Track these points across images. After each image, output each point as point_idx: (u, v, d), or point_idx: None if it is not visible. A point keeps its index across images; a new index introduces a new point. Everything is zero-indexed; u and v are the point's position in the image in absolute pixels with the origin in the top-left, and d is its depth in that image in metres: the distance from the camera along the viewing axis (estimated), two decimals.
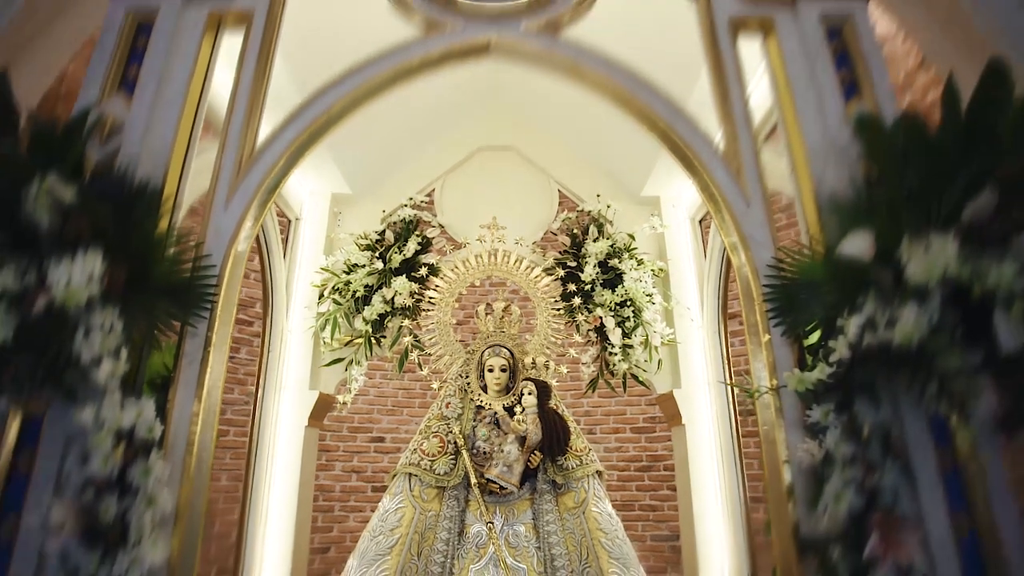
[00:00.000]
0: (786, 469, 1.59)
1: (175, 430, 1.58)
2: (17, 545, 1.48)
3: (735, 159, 1.90)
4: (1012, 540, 1.49)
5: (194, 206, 2.24)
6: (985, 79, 1.50)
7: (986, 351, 1.36)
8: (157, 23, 2.06)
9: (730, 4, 2.13)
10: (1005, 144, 1.41)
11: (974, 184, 1.43)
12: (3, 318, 1.31)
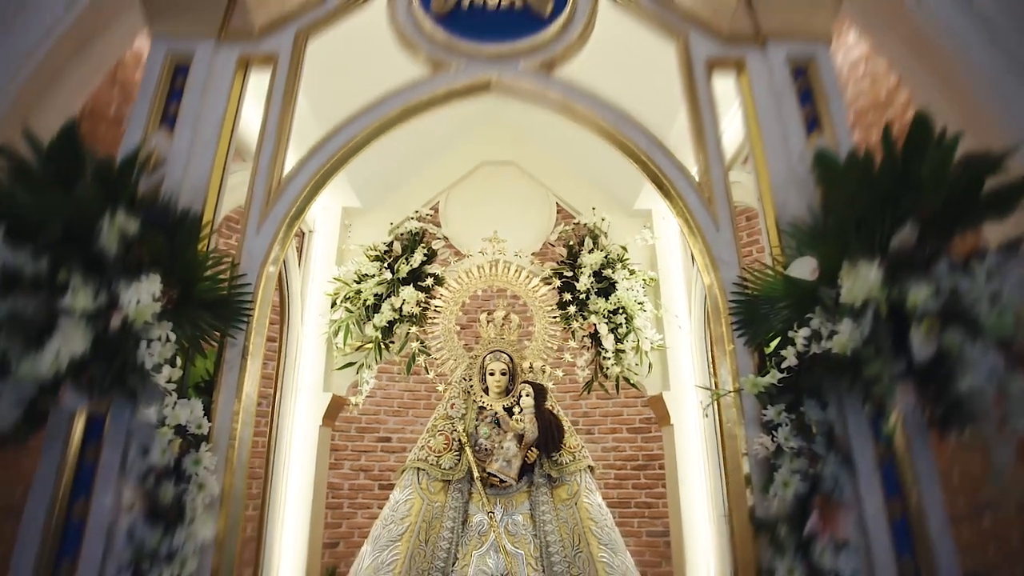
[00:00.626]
0: (745, 461, 1.87)
1: (219, 426, 1.87)
2: (89, 523, 1.77)
3: (707, 188, 2.17)
4: (936, 522, 1.77)
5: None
6: (912, 130, 1.78)
7: (908, 360, 1.63)
8: (193, 64, 2.34)
9: (707, 46, 2.41)
10: (926, 187, 1.68)
11: (901, 219, 1.70)
12: (82, 333, 1.59)
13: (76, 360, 1.57)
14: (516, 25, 2.40)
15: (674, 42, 2.44)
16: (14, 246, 1.61)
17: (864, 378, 1.65)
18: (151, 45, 2.41)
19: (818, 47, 2.38)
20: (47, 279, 1.62)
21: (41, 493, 1.81)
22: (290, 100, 2.30)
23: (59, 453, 1.81)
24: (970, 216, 1.75)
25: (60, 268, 1.63)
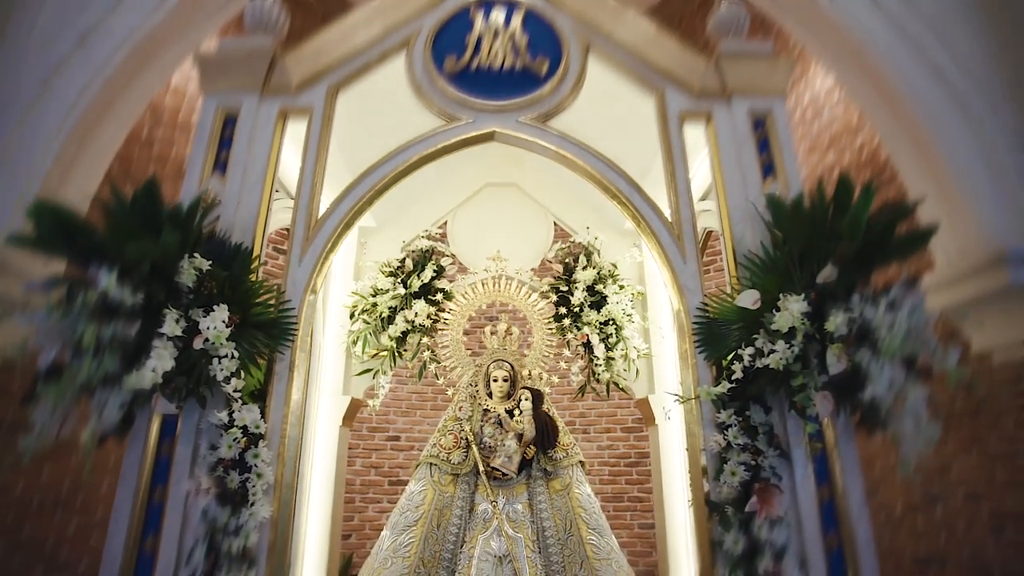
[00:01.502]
0: (702, 455, 2.31)
1: (272, 427, 2.31)
2: (168, 505, 2.21)
3: (677, 226, 2.61)
4: (856, 504, 2.21)
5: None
6: (838, 188, 2.21)
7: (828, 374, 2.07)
8: (240, 116, 2.78)
9: (680, 100, 2.85)
10: (844, 235, 2.12)
11: (827, 259, 2.14)
12: (170, 353, 2.03)
13: (166, 374, 2.02)
14: (516, 83, 2.85)
15: (653, 96, 2.88)
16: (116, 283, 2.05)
17: (793, 388, 2.09)
18: (204, 100, 2.85)
19: (775, 102, 2.82)
20: (141, 309, 2.06)
21: (128, 481, 2.26)
22: (324, 148, 2.75)
23: (140, 449, 2.26)
24: (883, 257, 2.19)
25: (152, 300, 2.07)
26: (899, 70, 3.71)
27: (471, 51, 2.86)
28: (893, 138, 3.97)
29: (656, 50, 2.88)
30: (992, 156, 3.55)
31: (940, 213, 3.64)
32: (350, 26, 2.92)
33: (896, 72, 3.72)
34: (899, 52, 3.76)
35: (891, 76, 3.73)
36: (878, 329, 1.99)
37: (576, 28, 2.93)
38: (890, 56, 3.75)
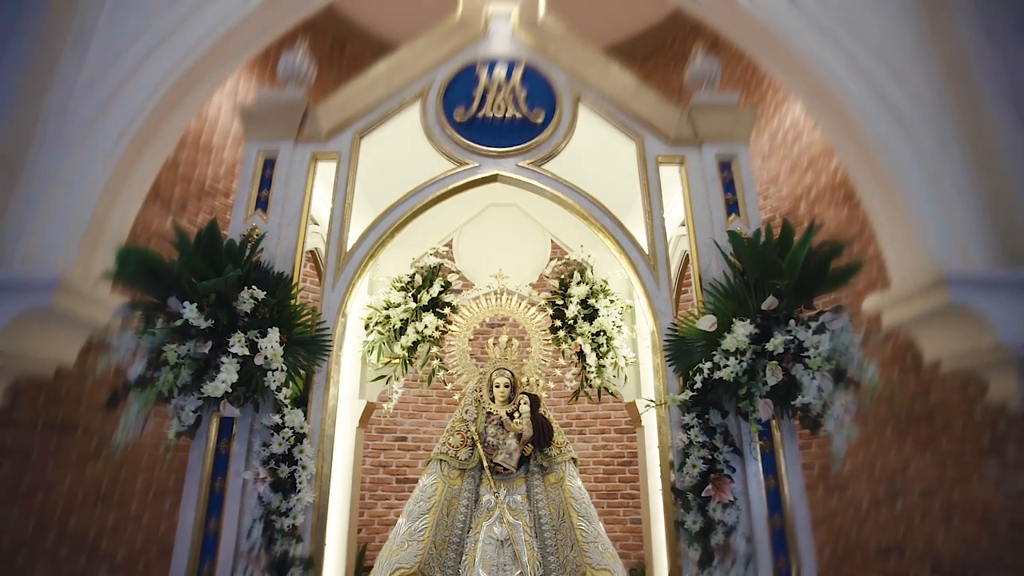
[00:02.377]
0: (670, 451, 2.84)
1: (313, 427, 2.84)
2: (227, 492, 2.74)
3: (653, 257, 3.15)
4: (796, 492, 2.74)
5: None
6: (782, 231, 2.74)
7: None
8: (278, 160, 3.31)
9: (657, 146, 3.38)
10: (785, 272, 2.65)
11: (770, 290, 2.67)
12: (235, 367, 2.56)
13: (233, 384, 2.55)
14: (516, 131, 3.38)
15: (634, 142, 3.41)
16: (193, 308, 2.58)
17: (739, 396, 2.62)
18: (247, 146, 3.38)
19: (739, 147, 3.35)
20: (210, 331, 2.59)
21: (194, 473, 2.78)
22: (351, 188, 3.28)
23: (203, 446, 2.79)
24: (818, 288, 2.72)
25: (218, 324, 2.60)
26: (858, 106, 4.22)
27: (477, 103, 3.39)
28: (854, 167, 4.49)
29: (637, 102, 3.41)
30: (939, 186, 4.07)
31: (894, 237, 4.19)
32: (371, 80, 3.45)
33: (855, 107, 4.23)
34: (859, 89, 4.28)
35: (851, 111, 4.24)
36: (809, 348, 2.52)
37: (568, 82, 3.46)
38: (850, 93, 4.27)
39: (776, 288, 2.63)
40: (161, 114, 4.25)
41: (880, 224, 4.38)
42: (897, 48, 4.49)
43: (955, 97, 4.34)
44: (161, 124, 4.33)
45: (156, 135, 4.33)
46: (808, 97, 4.66)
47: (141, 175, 4.37)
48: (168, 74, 4.21)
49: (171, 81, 4.21)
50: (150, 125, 4.19)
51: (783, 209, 6.08)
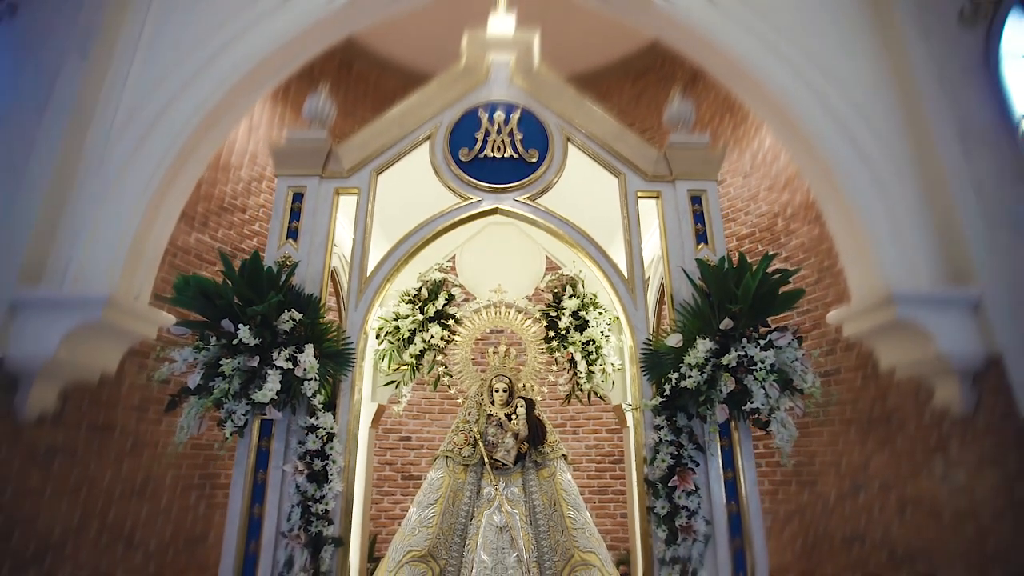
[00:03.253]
0: (644, 448, 3.41)
1: (341, 428, 3.41)
2: (268, 483, 3.31)
3: (631, 282, 3.72)
4: (750, 483, 3.31)
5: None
6: (738, 262, 3.31)
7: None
8: (305, 194, 3.87)
9: (637, 182, 3.95)
10: (739, 298, 3.22)
11: (726, 313, 3.24)
12: (278, 378, 3.13)
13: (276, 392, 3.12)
14: (513, 169, 3.95)
15: (617, 179, 3.98)
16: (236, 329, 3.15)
17: (699, 401, 3.20)
18: (277, 181, 3.94)
19: (708, 183, 3.92)
20: (256, 347, 3.16)
21: (240, 467, 3.35)
22: (370, 221, 3.85)
23: (248, 444, 3.35)
24: (769, 311, 3.30)
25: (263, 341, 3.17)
26: (822, 137, 4.81)
27: (480, 144, 3.96)
28: (819, 191, 5.08)
29: (620, 143, 3.99)
30: (893, 212, 4.65)
31: (853, 256, 4.78)
32: (387, 122, 4.02)
33: (819, 138, 4.82)
34: (823, 122, 4.86)
35: (815, 141, 4.83)
36: (757, 362, 3.10)
37: (559, 125, 4.04)
38: (815, 124, 4.86)
39: (732, 311, 3.21)
40: (193, 143, 4.81)
41: (841, 244, 4.97)
42: (860, 85, 5.08)
43: (910, 131, 4.93)
44: (193, 152, 4.89)
45: (188, 162, 4.90)
46: (777, 126, 5.24)
47: (175, 199, 4.94)
48: (200, 107, 4.78)
49: (203, 113, 4.78)
50: (183, 154, 4.75)
51: (762, 225, 6.66)
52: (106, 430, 4.98)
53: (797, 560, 5.92)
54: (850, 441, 5.55)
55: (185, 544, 5.61)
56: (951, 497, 4.54)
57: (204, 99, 4.79)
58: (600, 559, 3.95)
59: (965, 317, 4.32)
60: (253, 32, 4.98)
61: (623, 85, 8.39)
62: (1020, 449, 4.04)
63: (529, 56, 4.17)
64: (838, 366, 5.74)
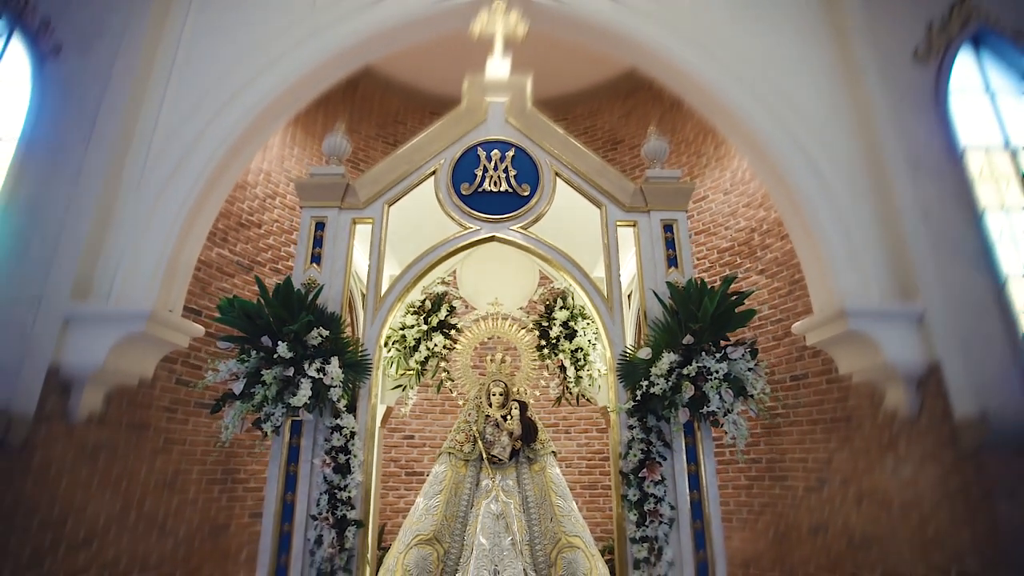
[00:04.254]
0: (620, 444, 4.09)
1: (360, 427, 4.08)
2: (299, 475, 3.98)
3: (611, 301, 4.39)
4: (710, 475, 3.99)
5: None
6: (699, 288, 3.99)
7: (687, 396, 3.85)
8: (327, 224, 4.53)
9: (616, 212, 4.61)
10: (699, 318, 3.90)
11: (688, 330, 3.92)
12: (309, 385, 3.79)
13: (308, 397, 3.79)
14: (508, 201, 4.61)
15: (599, 210, 4.65)
16: (275, 344, 3.82)
17: (666, 405, 3.87)
18: (302, 212, 4.60)
19: (679, 214, 4.59)
20: (291, 360, 3.83)
21: (275, 461, 4.02)
22: (383, 248, 4.51)
23: (281, 441, 4.02)
24: (726, 328, 3.97)
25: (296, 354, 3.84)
26: (787, 163, 5.48)
27: (479, 180, 4.62)
28: (786, 213, 5.76)
29: (602, 177, 4.66)
30: (849, 234, 5.32)
31: (814, 273, 5.45)
32: (396, 160, 4.68)
33: (787, 167, 5.50)
34: (790, 153, 5.54)
35: (783, 170, 5.51)
36: (713, 372, 3.77)
37: (548, 161, 4.70)
38: (783, 156, 5.53)
39: (693, 328, 3.89)
40: (220, 170, 5.49)
41: (804, 261, 5.65)
42: (822, 118, 5.76)
43: (866, 161, 5.62)
44: (220, 178, 5.57)
45: (216, 187, 5.57)
46: (748, 152, 5.92)
47: (204, 220, 5.61)
48: (226, 137, 5.45)
49: (229, 143, 5.45)
50: (212, 180, 5.42)
51: (740, 239, 7.34)
52: (142, 429, 5.65)
53: (769, 548, 6.61)
54: (816, 440, 6.24)
55: (209, 532, 6.29)
56: (899, 490, 5.23)
57: (230, 129, 5.47)
58: (584, 542, 4.63)
59: (910, 329, 5.00)
60: (276, 66, 5.68)
61: (614, 103, 9.06)
62: (954, 447, 4.73)
63: (522, 98, 4.83)
64: (806, 371, 6.43)
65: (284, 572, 3.80)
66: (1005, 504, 4.48)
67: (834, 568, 5.85)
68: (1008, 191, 5.63)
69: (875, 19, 6.01)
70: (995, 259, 5.23)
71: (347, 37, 5.83)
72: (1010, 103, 5.96)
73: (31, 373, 4.58)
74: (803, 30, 6.13)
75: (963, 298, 5.07)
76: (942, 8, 6.07)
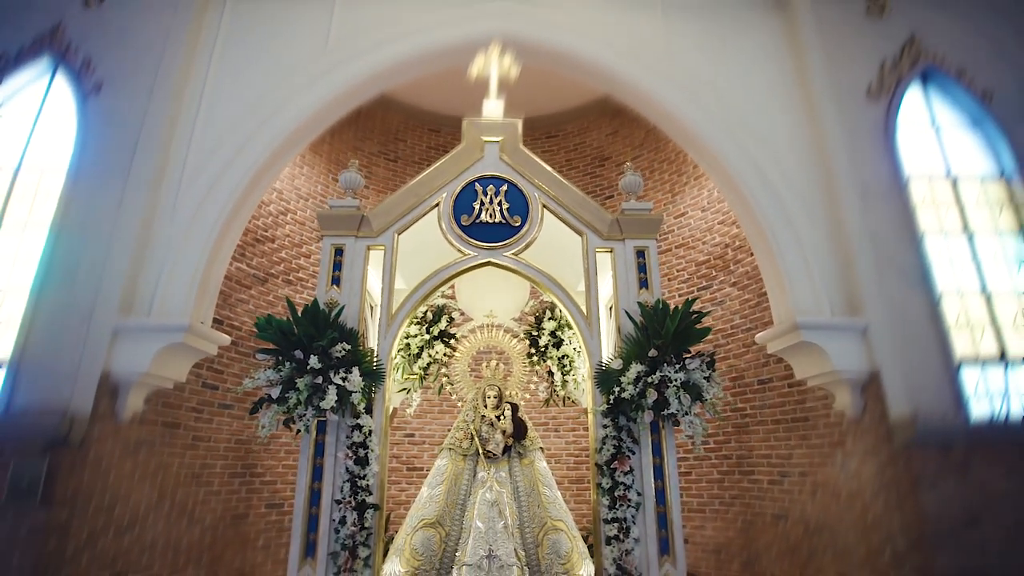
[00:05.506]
0: (596, 440, 5.01)
1: (376, 426, 4.98)
2: (325, 467, 4.87)
3: (591, 318, 5.29)
4: (671, 467, 4.91)
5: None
6: (662, 310, 4.90)
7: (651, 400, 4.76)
8: (345, 250, 5.41)
9: (595, 240, 5.51)
10: (664, 334, 4.81)
11: (653, 345, 4.83)
12: (335, 391, 4.69)
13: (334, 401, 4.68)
14: (502, 231, 5.51)
15: (580, 238, 5.55)
16: (306, 357, 4.71)
17: (634, 408, 4.79)
18: (323, 240, 5.49)
19: (650, 241, 5.49)
20: (320, 370, 4.72)
21: (304, 455, 4.91)
22: (394, 272, 5.40)
23: (309, 438, 4.92)
24: (686, 343, 4.87)
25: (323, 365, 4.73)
26: (753, 193, 6.40)
27: (476, 212, 5.52)
28: (751, 234, 6.68)
29: (583, 209, 5.56)
30: (804, 254, 6.24)
31: (774, 288, 6.36)
32: (404, 194, 5.57)
33: (751, 193, 6.41)
34: (754, 181, 6.45)
35: (748, 196, 6.42)
36: (672, 380, 4.68)
37: (537, 195, 5.60)
38: (748, 183, 6.44)
39: (656, 344, 4.80)
40: (244, 196, 6.37)
41: (766, 277, 6.56)
42: (784, 149, 6.66)
43: (822, 189, 6.52)
44: (244, 203, 6.45)
45: (241, 211, 6.46)
46: (717, 178, 6.84)
47: (230, 241, 6.50)
48: (251, 167, 6.34)
49: (253, 171, 6.34)
50: (237, 205, 6.30)
51: (716, 253, 8.27)
52: (174, 427, 6.55)
53: (738, 535, 7.55)
54: (779, 437, 7.18)
55: (231, 520, 7.20)
56: (846, 481, 6.16)
57: (253, 161, 6.36)
58: (567, 525, 5.55)
59: (854, 341, 5.92)
60: (295, 101, 6.60)
61: (602, 122, 9.96)
62: (889, 443, 5.65)
63: (514, 138, 5.72)
64: (771, 376, 7.36)
65: (313, 547, 4.70)
66: (928, 493, 5.42)
67: (793, 552, 6.78)
68: (947, 216, 6.56)
69: (833, 59, 6.93)
70: (932, 278, 6.16)
71: (357, 75, 6.73)
72: (953, 136, 6.89)
73: (86, 379, 5.47)
74: (769, 68, 7.04)
75: (902, 313, 6.00)
76: (894, 48, 7.00)
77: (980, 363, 6.05)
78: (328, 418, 4.82)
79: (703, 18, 7.28)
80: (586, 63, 6.98)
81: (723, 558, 7.67)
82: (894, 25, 7.11)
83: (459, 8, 7.11)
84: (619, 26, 7.14)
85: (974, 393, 5.92)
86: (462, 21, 7.06)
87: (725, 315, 8.07)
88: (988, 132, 6.84)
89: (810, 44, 6.98)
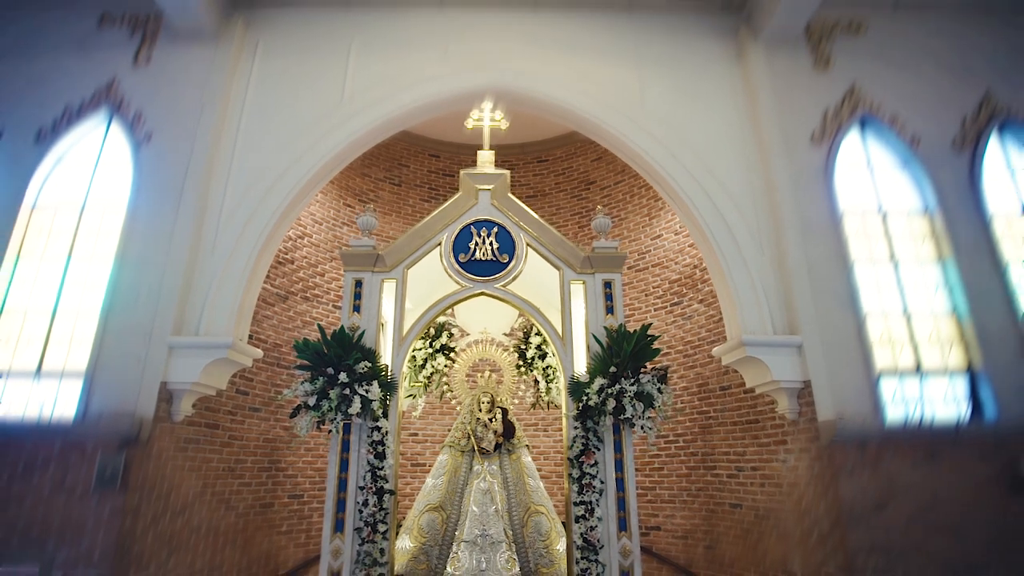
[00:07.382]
0: (568, 439, 6.55)
1: (391, 427, 6.53)
2: (351, 460, 6.42)
3: (565, 339, 6.83)
4: (630, 461, 6.46)
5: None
6: (624, 332, 6.44)
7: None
8: (364, 283, 6.94)
9: (570, 274, 7.04)
10: (622, 353, 6.35)
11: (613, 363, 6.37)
12: (360, 400, 6.23)
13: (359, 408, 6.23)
14: (492, 267, 7.02)
15: (557, 272, 7.08)
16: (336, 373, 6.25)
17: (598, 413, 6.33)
18: (345, 274, 7.01)
19: (616, 275, 7.01)
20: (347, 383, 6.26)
21: (333, 451, 6.46)
22: (404, 301, 6.94)
23: (338, 438, 6.47)
24: (641, 360, 6.40)
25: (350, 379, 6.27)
26: (710, 225, 7.91)
27: (472, 251, 7.05)
28: (708, 261, 8.21)
29: (560, 248, 7.09)
30: (753, 280, 7.77)
31: (726, 309, 7.90)
32: (411, 236, 7.10)
33: (707, 225, 7.93)
34: (710, 214, 7.97)
35: (704, 228, 7.94)
36: (627, 391, 6.22)
37: (522, 236, 7.12)
38: (705, 215, 7.96)
39: (615, 361, 6.34)
40: (275, 229, 7.90)
41: (721, 299, 8.10)
42: (737, 186, 8.17)
43: (769, 223, 8.03)
44: (275, 234, 7.99)
45: (272, 241, 7.99)
46: (679, 210, 8.37)
47: (262, 268, 8.04)
48: (281, 203, 7.86)
49: (284, 207, 7.86)
50: (269, 238, 7.84)
51: (686, 273, 9.81)
52: (214, 428, 8.12)
53: (702, 523, 9.13)
54: (736, 436, 8.74)
55: (259, 508, 8.77)
56: (787, 474, 7.71)
57: (283, 198, 7.89)
58: (547, 510, 7.13)
59: (791, 356, 7.45)
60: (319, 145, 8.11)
61: (587, 148, 11.48)
62: (817, 441, 7.19)
63: (504, 186, 7.24)
64: (730, 383, 8.92)
65: (341, 524, 6.25)
66: (846, 483, 6.96)
67: (746, 535, 8.34)
68: (877, 247, 8.08)
69: (783, 108, 8.43)
70: (859, 301, 7.68)
71: (370, 122, 8.26)
72: (886, 175, 8.41)
73: (148, 388, 7.01)
74: (727, 115, 8.56)
75: (832, 331, 7.52)
76: (836, 97, 8.50)
77: (899, 374, 7.57)
78: (353, 421, 6.36)
79: (671, 69, 8.78)
80: (567, 111, 8.50)
81: (690, 543, 9.25)
82: (837, 76, 8.61)
83: (457, 61, 8.63)
84: (597, 77, 8.66)
85: (891, 400, 7.44)
86: (461, 72, 8.57)
87: (693, 328, 9.63)
88: (915, 172, 8.33)
89: (763, 94, 8.47)
